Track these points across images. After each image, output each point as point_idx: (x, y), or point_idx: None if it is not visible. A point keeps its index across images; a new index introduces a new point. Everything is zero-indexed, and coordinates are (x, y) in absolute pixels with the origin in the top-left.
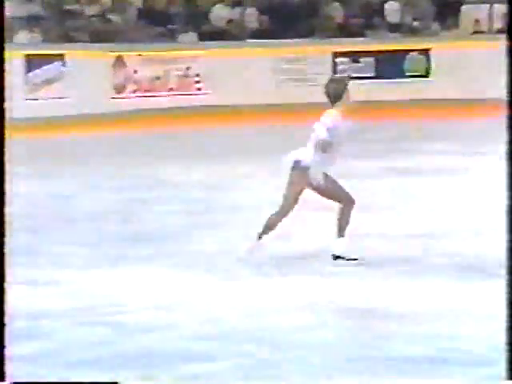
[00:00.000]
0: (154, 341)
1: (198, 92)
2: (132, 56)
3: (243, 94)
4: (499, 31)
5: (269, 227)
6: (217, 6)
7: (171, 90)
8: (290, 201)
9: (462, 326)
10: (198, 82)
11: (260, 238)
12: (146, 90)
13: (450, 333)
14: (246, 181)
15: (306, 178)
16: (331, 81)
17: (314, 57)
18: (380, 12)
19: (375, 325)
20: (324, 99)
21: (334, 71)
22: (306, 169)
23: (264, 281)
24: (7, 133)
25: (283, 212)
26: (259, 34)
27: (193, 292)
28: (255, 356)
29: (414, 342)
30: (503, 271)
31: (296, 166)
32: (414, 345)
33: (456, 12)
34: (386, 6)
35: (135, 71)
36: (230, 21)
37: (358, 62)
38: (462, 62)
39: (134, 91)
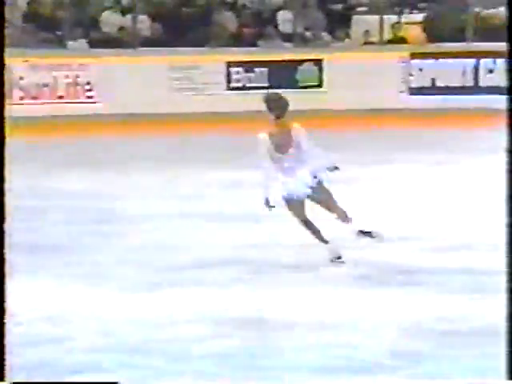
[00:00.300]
0: (45, 353)
1: (89, 100)
2: (18, 62)
3: (135, 103)
4: (389, 42)
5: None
6: (106, 12)
7: (60, 97)
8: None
9: (357, 334)
10: (88, 90)
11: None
12: (33, 97)
13: (345, 341)
14: (141, 190)
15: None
16: (277, 97)
17: (207, 66)
18: (272, 21)
19: (270, 334)
20: (217, 109)
21: (229, 81)
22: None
23: (159, 292)
24: None
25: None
26: (152, 41)
27: (87, 303)
28: (151, 367)
29: (308, 351)
30: (397, 279)
31: (289, 201)
32: (307, 353)
33: (347, 23)
34: (279, 15)
35: (21, 78)
36: (121, 28)
37: (251, 71)
38: (353, 72)
39: (21, 98)
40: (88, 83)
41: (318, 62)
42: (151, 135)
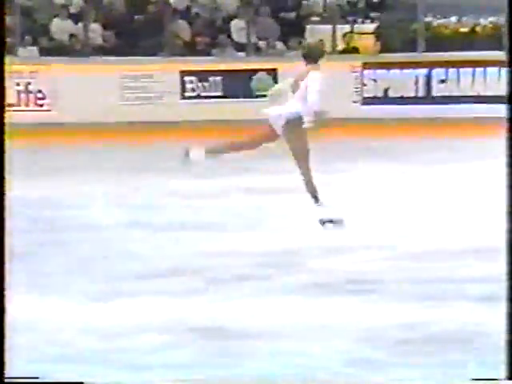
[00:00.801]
0: None
1: (41, 108)
2: None
3: (88, 112)
4: (342, 52)
5: (312, 190)
6: (56, 19)
7: (10, 105)
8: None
9: (312, 342)
10: (40, 98)
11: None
12: None
13: (300, 350)
14: (95, 199)
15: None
16: (311, 44)
17: (161, 75)
18: (226, 30)
19: (226, 344)
20: (171, 118)
21: (183, 90)
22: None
23: (114, 302)
24: None
25: (306, 166)
26: (104, 50)
27: (39, 313)
28: (104, 378)
29: (263, 360)
30: (352, 287)
31: (291, 120)
32: (263, 363)
33: (300, 32)
34: (232, 24)
35: None
36: (72, 36)
37: (205, 81)
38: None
39: None
40: (39, 91)
41: (272, 72)
42: (104, 144)
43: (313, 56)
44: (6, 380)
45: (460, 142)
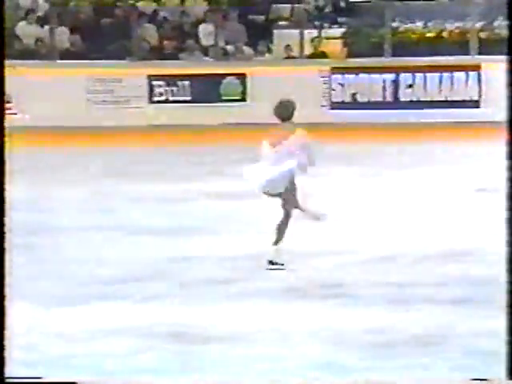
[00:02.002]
0: None
1: (7, 112)
2: None
3: (54, 116)
4: (310, 56)
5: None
6: (22, 23)
7: None
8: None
9: (282, 347)
10: (6, 102)
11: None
12: None
13: (270, 354)
14: (64, 203)
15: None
16: (284, 103)
17: (128, 79)
18: (194, 34)
19: (194, 349)
20: (139, 122)
21: (151, 94)
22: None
23: (82, 306)
24: None
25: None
26: (70, 54)
27: (6, 317)
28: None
29: (233, 365)
30: (322, 292)
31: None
32: (233, 367)
33: (268, 36)
34: (200, 28)
35: None
36: (38, 39)
37: (174, 85)
38: (276, 86)
39: None
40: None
41: (241, 76)
42: (72, 148)
43: (286, 113)
44: (6, 380)
45: (427, 147)
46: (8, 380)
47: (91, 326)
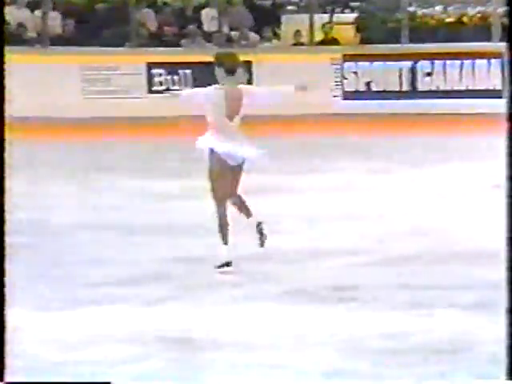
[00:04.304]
0: None
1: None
2: None
3: (46, 106)
4: (320, 43)
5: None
6: (11, 7)
7: None
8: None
9: (290, 353)
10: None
11: None
12: None
13: (277, 361)
14: (56, 200)
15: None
16: (229, 54)
17: (126, 67)
18: (196, 20)
19: (201, 355)
20: (138, 113)
21: (150, 83)
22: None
23: (78, 310)
24: None
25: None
26: (63, 40)
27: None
28: None
29: (239, 373)
30: (333, 295)
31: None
32: (239, 375)
33: (275, 22)
34: (202, 13)
35: None
36: (22, 24)
37: (175, 73)
38: (284, 75)
39: None
40: None
41: (246, 64)
42: (64, 141)
43: (230, 66)
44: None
45: (447, 140)
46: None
47: (89, 331)
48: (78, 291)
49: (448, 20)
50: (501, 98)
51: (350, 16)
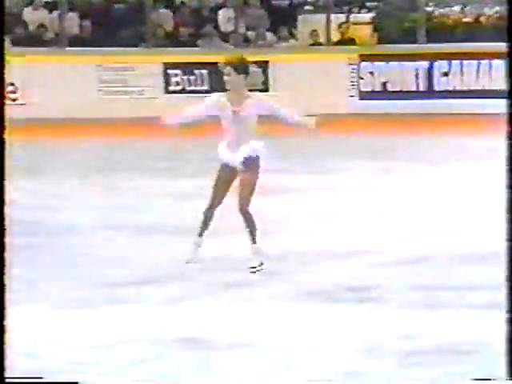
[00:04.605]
0: None
1: (13, 103)
2: None
3: (64, 107)
4: (337, 43)
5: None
6: (29, 8)
7: None
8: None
9: (308, 354)
10: (12, 92)
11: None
12: None
13: (295, 362)
14: (74, 200)
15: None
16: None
17: (143, 67)
18: (212, 20)
19: (218, 355)
20: (154, 113)
21: (167, 83)
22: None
23: (94, 310)
24: None
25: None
26: (80, 40)
27: (15, 322)
28: None
29: (258, 373)
30: (349, 296)
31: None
32: (259, 376)
33: (292, 22)
34: (219, 13)
35: None
36: (42, 25)
37: (191, 74)
38: (300, 75)
39: None
40: (12, 84)
41: (262, 64)
42: (82, 141)
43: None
44: (6, 380)
45: (464, 140)
46: (8, 380)
47: (104, 332)
48: (94, 291)
49: (465, 20)
50: None
51: (367, 16)
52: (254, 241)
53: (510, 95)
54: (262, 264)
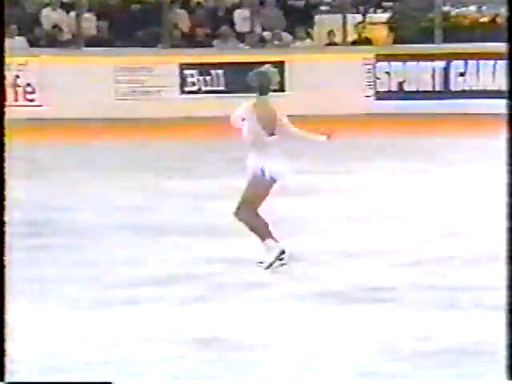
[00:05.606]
0: None
1: (30, 103)
2: None
3: (80, 107)
4: (353, 43)
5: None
6: (46, 8)
7: None
8: None
9: (324, 354)
10: (29, 92)
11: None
12: None
13: (311, 362)
14: (90, 201)
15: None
16: (259, 72)
17: (159, 68)
18: (228, 20)
19: (233, 356)
20: (170, 114)
21: (182, 84)
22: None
23: (109, 310)
24: None
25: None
26: (97, 41)
27: (30, 321)
28: None
29: (274, 374)
30: (367, 296)
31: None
32: (275, 377)
33: (308, 22)
34: (235, 14)
35: None
36: (58, 26)
37: (207, 74)
38: (316, 75)
39: None
40: (28, 85)
41: (279, 64)
42: (99, 142)
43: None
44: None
45: (480, 140)
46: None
47: (119, 332)
48: (111, 292)
49: (482, 20)
50: None
51: (383, 16)
52: (262, 239)
53: (510, 95)
54: (277, 260)
